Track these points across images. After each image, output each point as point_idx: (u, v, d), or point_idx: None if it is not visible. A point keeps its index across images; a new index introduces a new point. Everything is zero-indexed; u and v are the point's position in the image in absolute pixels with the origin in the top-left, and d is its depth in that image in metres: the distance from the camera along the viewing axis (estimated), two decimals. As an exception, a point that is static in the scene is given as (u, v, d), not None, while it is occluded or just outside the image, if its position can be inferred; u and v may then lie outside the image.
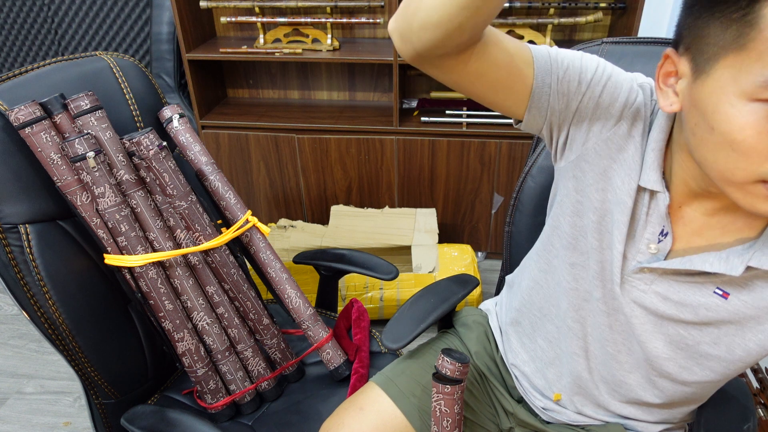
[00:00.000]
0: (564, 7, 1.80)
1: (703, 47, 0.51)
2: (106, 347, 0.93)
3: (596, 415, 0.82)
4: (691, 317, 0.65)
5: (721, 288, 0.62)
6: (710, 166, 0.53)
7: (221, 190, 1.03)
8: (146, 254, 0.90)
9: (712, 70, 0.50)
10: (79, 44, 2.24)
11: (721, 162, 0.52)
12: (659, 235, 0.64)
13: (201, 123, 2.00)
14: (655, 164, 0.62)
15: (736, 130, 0.49)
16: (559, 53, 0.62)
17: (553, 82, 0.61)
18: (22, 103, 0.82)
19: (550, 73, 0.61)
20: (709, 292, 0.63)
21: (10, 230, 0.83)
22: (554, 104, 0.63)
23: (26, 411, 1.61)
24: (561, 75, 0.61)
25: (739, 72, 0.48)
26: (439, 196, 2.04)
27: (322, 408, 1.02)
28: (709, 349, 0.67)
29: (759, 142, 0.48)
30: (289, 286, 1.06)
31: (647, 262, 0.65)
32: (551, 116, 0.64)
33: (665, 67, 0.57)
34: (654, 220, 0.64)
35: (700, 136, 0.53)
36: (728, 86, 0.49)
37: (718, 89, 0.50)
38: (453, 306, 0.99)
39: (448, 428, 0.78)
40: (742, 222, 0.61)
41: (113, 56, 1.01)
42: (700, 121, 0.52)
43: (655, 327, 0.69)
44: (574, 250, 0.73)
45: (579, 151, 0.67)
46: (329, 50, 1.87)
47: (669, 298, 0.66)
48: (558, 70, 0.61)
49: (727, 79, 0.49)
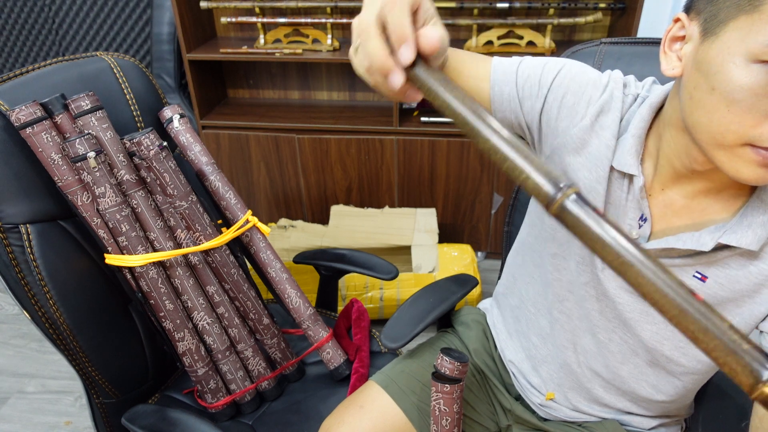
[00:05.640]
0: (564, 8, 1.80)
1: (716, 11, 0.53)
2: (107, 347, 0.94)
3: (591, 410, 0.82)
4: None
5: (700, 272, 0.64)
6: (703, 129, 0.55)
7: (221, 190, 1.04)
8: (147, 254, 0.91)
9: (721, 32, 0.52)
10: (80, 44, 2.24)
11: (714, 123, 0.54)
12: (639, 220, 0.67)
13: (201, 123, 2.01)
14: (633, 150, 0.65)
15: (736, 90, 0.51)
16: (524, 62, 0.70)
17: (512, 90, 0.69)
18: (23, 104, 0.82)
19: (508, 83, 0.69)
20: (688, 275, 0.65)
21: (11, 230, 0.83)
22: (517, 107, 0.70)
23: (27, 410, 1.62)
24: (522, 82, 0.69)
25: (748, 33, 0.49)
26: (439, 196, 2.04)
27: (322, 407, 1.02)
28: None
29: (755, 103, 0.50)
30: (290, 286, 1.07)
31: None
32: (519, 118, 0.71)
33: (673, 32, 0.59)
34: (633, 206, 0.67)
35: (698, 98, 0.55)
36: (735, 47, 0.51)
37: (725, 50, 0.52)
38: (452, 305, 1.00)
39: (448, 427, 0.78)
40: (720, 205, 0.64)
41: (114, 56, 1.01)
42: (702, 83, 0.54)
43: (641, 315, 0.71)
44: (554, 241, 0.76)
45: (551, 147, 0.72)
46: (329, 50, 1.88)
47: None
48: (518, 78, 0.69)
49: (735, 40, 0.51)
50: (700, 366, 0.72)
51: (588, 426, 0.84)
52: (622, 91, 0.68)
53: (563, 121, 0.69)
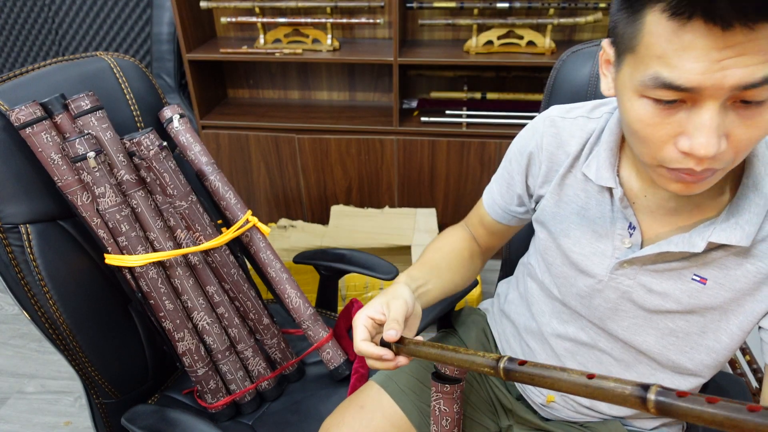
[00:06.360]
0: (564, 8, 1.80)
1: (618, 43, 0.55)
2: (107, 347, 0.94)
3: (593, 412, 0.82)
4: (676, 306, 0.67)
5: (698, 274, 0.65)
6: (633, 149, 0.59)
7: (221, 190, 1.04)
8: (146, 254, 0.91)
9: (622, 66, 0.55)
10: (80, 44, 2.24)
11: (634, 147, 0.58)
12: (628, 229, 0.68)
13: (201, 123, 2.01)
14: (607, 163, 0.67)
15: (633, 122, 0.54)
16: (491, 181, 0.87)
17: (501, 201, 0.85)
18: (22, 104, 0.82)
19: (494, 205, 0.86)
20: (687, 279, 0.66)
21: (10, 230, 0.83)
22: (510, 202, 0.84)
23: (27, 410, 1.61)
24: (504, 192, 0.84)
25: (633, 71, 0.52)
26: (439, 196, 2.04)
27: (322, 408, 1.02)
28: (698, 339, 0.69)
29: (651, 134, 0.53)
30: (290, 286, 1.07)
31: (624, 255, 0.69)
32: (522, 198, 0.82)
33: (604, 55, 0.60)
34: (619, 216, 0.68)
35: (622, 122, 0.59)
36: (628, 81, 0.54)
37: (621, 84, 0.55)
38: (452, 305, 1.00)
39: (448, 427, 0.78)
40: (707, 204, 0.64)
41: (114, 56, 1.01)
42: (620, 109, 0.58)
43: (645, 321, 0.71)
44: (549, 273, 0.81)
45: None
46: (329, 50, 1.88)
47: (653, 289, 0.68)
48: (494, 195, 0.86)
49: (626, 75, 0.54)
50: (707, 370, 0.72)
51: (590, 426, 0.83)
52: (549, 126, 0.74)
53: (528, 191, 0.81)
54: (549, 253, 0.78)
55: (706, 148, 0.48)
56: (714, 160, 0.51)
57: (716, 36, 0.44)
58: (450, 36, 2.00)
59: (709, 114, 0.48)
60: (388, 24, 1.97)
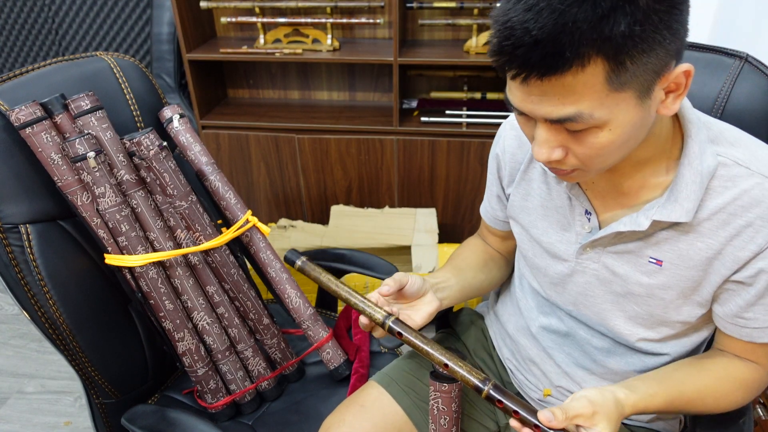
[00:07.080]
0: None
1: None
2: (107, 347, 0.94)
3: None
4: (638, 289, 0.71)
5: (654, 257, 0.70)
6: None
7: (221, 190, 1.04)
8: (146, 254, 0.91)
9: None
10: (80, 44, 2.24)
11: None
12: (585, 215, 0.74)
13: (201, 123, 2.01)
14: None
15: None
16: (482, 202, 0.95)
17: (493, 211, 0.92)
18: (22, 104, 0.82)
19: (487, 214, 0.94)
20: (645, 262, 0.70)
21: (10, 230, 0.83)
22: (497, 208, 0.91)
23: (27, 410, 1.62)
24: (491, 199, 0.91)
25: None
26: (439, 196, 2.04)
27: (322, 407, 1.02)
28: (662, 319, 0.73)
29: (527, 135, 0.64)
30: (290, 286, 1.07)
31: (585, 239, 0.74)
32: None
33: None
34: (576, 203, 0.74)
35: None
36: None
37: None
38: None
39: (446, 426, 0.78)
40: (651, 184, 0.68)
41: (114, 56, 1.01)
42: None
43: (613, 305, 0.75)
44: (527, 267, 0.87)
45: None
46: (329, 50, 1.87)
47: (616, 272, 0.73)
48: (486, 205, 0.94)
49: None
50: (683, 350, 0.76)
51: None
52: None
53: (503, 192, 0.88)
54: (524, 245, 0.84)
55: (538, 155, 0.61)
56: (560, 164, 0.62)
57: (522, 84, 0.56)
58: (450, 36, 2.00)
59: (540, 130, 0.59)
60: (388, 24, 1.97)
